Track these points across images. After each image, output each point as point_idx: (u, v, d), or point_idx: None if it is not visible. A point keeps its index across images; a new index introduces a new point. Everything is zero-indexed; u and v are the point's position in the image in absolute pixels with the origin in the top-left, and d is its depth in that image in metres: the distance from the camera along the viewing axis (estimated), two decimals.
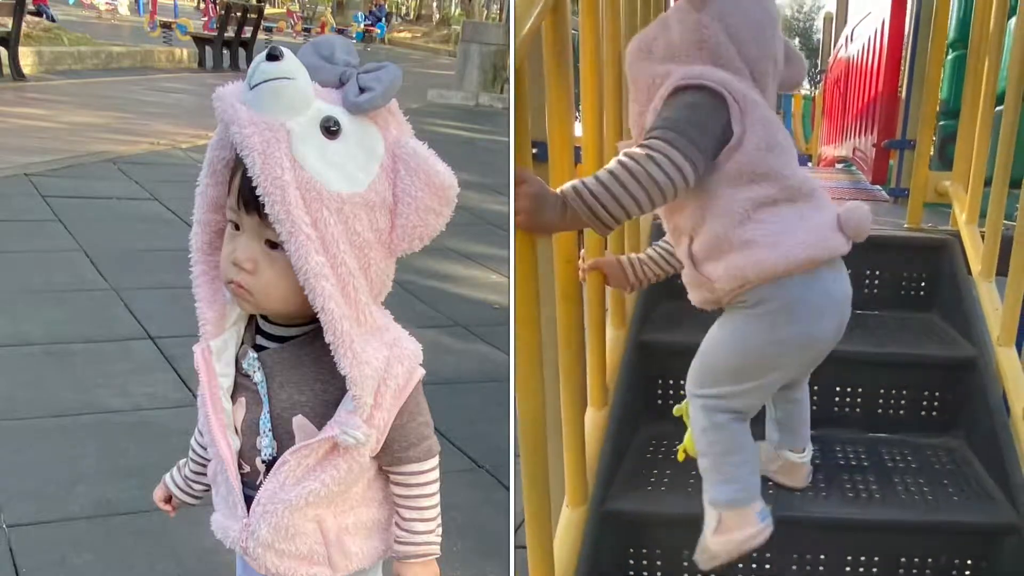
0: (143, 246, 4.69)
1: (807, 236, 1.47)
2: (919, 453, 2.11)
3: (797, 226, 1.47)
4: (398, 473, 1.18)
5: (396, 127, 1.09)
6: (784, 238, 1.45)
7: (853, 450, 2.12)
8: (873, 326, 2.43)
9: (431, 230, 1.10)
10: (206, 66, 14.88)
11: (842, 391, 2.23)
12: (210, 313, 1.15)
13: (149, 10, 18.75)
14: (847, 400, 2.23)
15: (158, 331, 3.54)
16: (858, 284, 2.50)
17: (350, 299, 1.05)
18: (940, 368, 2.25)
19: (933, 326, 2.47)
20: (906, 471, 2.02)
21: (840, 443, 2.14)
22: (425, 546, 1.19)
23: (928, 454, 2.10)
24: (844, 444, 2.14)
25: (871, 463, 2.05)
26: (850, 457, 2.08)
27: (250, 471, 1.16)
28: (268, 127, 1.00)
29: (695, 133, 1.37)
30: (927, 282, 2.60)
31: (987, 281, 2.49)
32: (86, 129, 7.94)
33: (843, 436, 2.17)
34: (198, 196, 1.11)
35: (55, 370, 3.11)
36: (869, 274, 2.58)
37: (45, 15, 15.38)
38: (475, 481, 2.64)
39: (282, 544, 1.14)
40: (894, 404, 2.23)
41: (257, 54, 1.02)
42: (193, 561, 2.11)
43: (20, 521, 2.22)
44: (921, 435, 2.19)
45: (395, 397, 1.11)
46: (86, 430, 2.71)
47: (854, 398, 2.23)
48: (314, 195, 1.01)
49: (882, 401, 2.23)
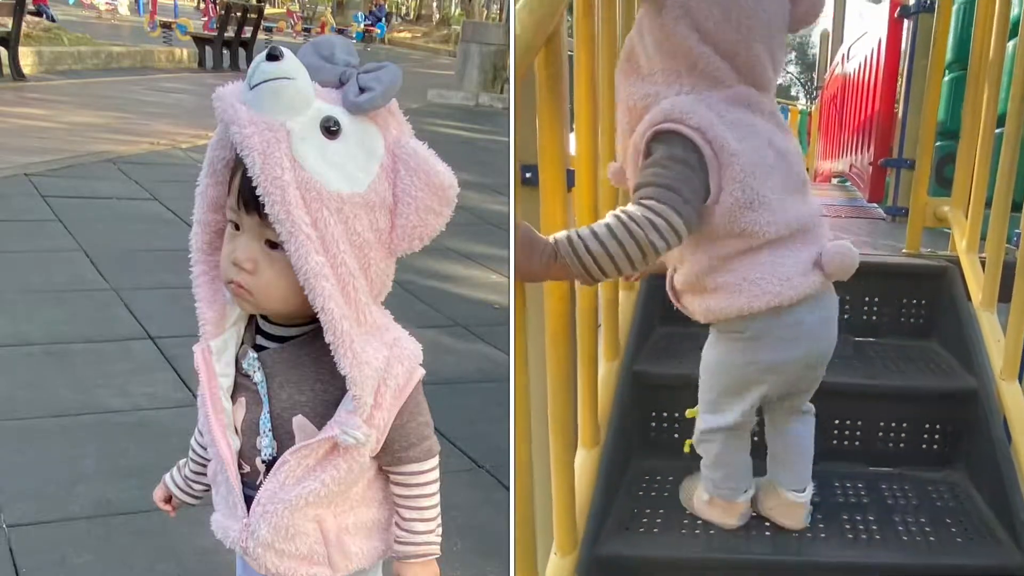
0: (143, 246, 4.69)
1: (772, 284, 1.48)
2: (920, 488, 2.06)
3: (767, 273, 1.47)
4: (398, 473, 1.18)
5: (396, 127, 1.09)
6: (749, 286, 1.48)
7: (852, 486, 2.07)
8: (872, 355, 2.39)
9: (431, 230, 1.10)
10: (206, 66, 14.87)
11: (840, 424, 2.18)
12: (210, 313, 1.15)
13: (149, 10, 18.73)
14: (845, 433, 2.19)
15: (158, 331, 3.54)
16: (857, 311, 2.51)
17: (350, 299, 1.05)
18: (940, 400, 2.20)
19: (933, 355, 2.42)
20: (907, 509, 1.97)
21: (839, 478, 2.08)
22: (425, 546, 1.19)
23: (929, 489, 2.06)
24: (843, 479, 2.09)
25: (871, 500, 2.00)
26: (849, 494, 2.03)
27: (250, 471, 1.16)
28: (268, 127, 1.00)
29: (688, 192, 1.35)
30: (927, 309, 2.55)
31: (988, 311, 2.42)
32: (86, 129, 7.94)
33: (842, 471, 2.12)
34: (198, 196, 1.12)
35: (55, 370, 3.11)
36: (868, 301, 2.54)
37: (45, 15, 15.38)
38: (475, 481, 2.64)
39: (282, 544, 1.14)
40: (894, 437, 2.18)
41: (257, 54, 1.02)
42: (193, 561, 2.11)
43: (20, 521, 2.22)
44: (922, 469, 2.14)
45: (395, 397, 1.11)
46: (86, 430, 2.71)
47: (853, 431, 2.19)
48: (314, 195, 1.01)
49: (881, 434, 2.19)
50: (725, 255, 1.47)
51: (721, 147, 1.36)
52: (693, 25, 1.38)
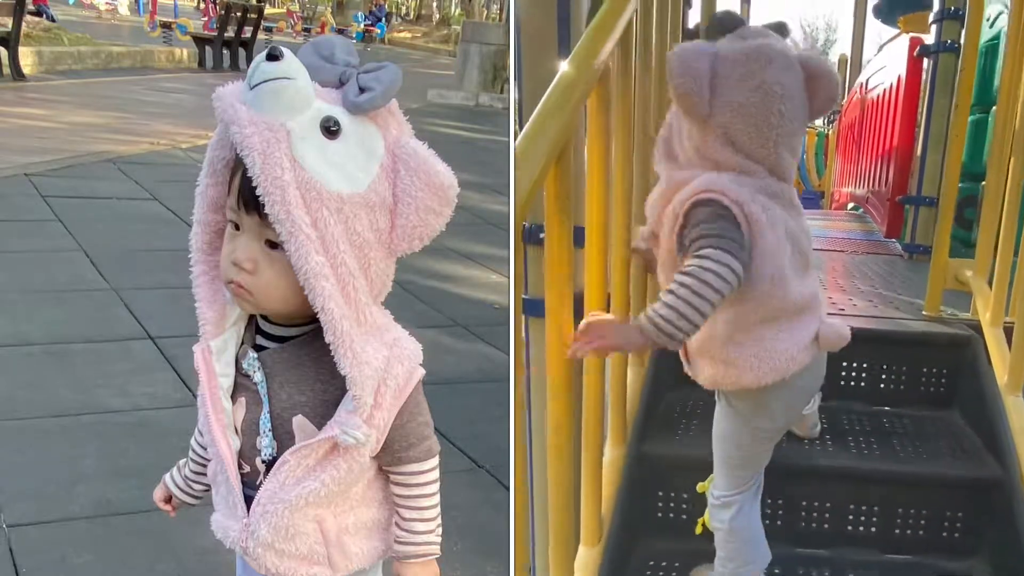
0: (143, 246, 4.69)
1: (778, 362, 1.58)
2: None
3: (772, 349, 1.58)
4: (398, 473, 1.18)
5: (396, 127, 1.09)
6: (758, 363, 1.58)
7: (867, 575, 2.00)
8: (889, 430, 2.29)
9: (431, 230, 1.09)
10: (206, 66, 14.87)
11: (856, 509, 2.10)
12: (210, 313, 1.15)
13: (149, 10, 18.73)
14: (862, 519, 2.10)
15: (158, 331, 3.54)
16: (874, 379, 2.42)
17: (350, 299, 1.05)
18: (963, 488, 2.09)
19: (954, 430, 2.31)
20: None
21: (853, 567, 2.01)
22: (425, 546, 1.19)
23: None
24: (858, 568, 2.01)
25: None
26: None
27: (250, 471, 1.16)
28: (268, 127, 1.00)
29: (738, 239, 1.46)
30: (947, 379, 2.42)
31: (1015, 395, 2.22)
32: (86, 129, 7.94)
33: (857, 558, 2.04)
34: (198, 196, 1.11)
35: (55, 370, 3.11)
36: (886, 369, 2.43)
37: (45, 15, 15.38)
38: (475, 481, 2.64)
39: (282, 544, 1.14)
40: (912, 524, 2.08)
41: (257, 54, 1.02)
42: (193, 561, 2.11)
43: (20, 521, 2.22)
44: (943, 558, 2.04)
45: (395, 397, 1.11)
46: (86, 430, 2.71)
47: (869, 517, 2.10)
48: (314, 195, 1.01)
49: (900, 521, 2.09)
50: (739, 324, 1.56)
51: (755, 221, 1.48)
52: (729, 141, 1.51)
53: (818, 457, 2.14)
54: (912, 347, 2.47)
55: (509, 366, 1.28)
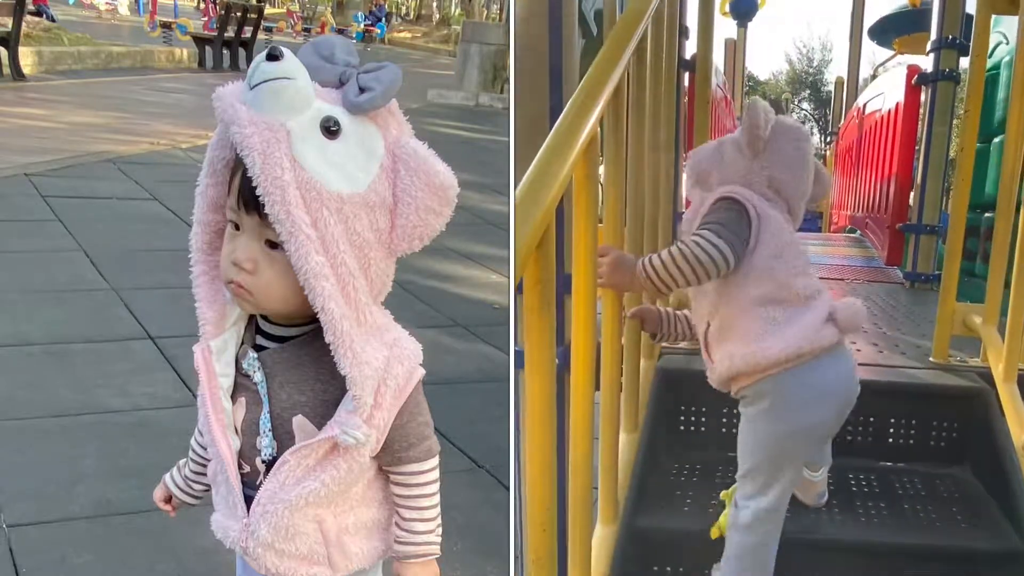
0: (143, 246, 4.69)
1: (792, 338, 1.67)
2: None
3: (785, 327, 1.69)
4: (398, 473, 1.18)
5: (396, 127, 1.09)
6: (769, 338, 1.68)
7: None
8: (899, 491, 2.20)
9: (431, 230, 1.10)
10: (206, 66, 14.87)
11: None
12: (210, 313, 1.15)
13: (149, 10, 18.73)
14: None
15: (158, 331, 3.54)
16: (882, 433, 2.34)
17: (350, 299, 1.05)
18: (983, 563, 1.98)
19: (968, 491, 2.20)
20: None
21: None
22: (425, 546, 1.19)
23: None
24: None
25: None
26: None
27: (250, 471, 1.16)
28: (268, 127, 1.00)
29: (734, 228, 1.70)
30: (958, 432, 2.33)
31: None
32: (86, 129, 7.94)
33: None
34: (198, 196, 1.11)
35: (55, 370, 3.11)
36: (894, 423, 2.34)
37: (45, 15, 15.37)
38: (475, 481, 2.64)
39: (282, 544, 1.14)
40: None
41: (257, 54, 1.02)
42: (193, 561, 2.11)
43: (20, 521, 2.22)
44: None
45: (395, 397, 1.11)
46: (86, 430, 2.71)
47: None
48: (314, 195, 1.01)
49: None
50: (753, 301, 1.70)
51: (764, 213, 1.74)
52: (769, 179, 1.78)
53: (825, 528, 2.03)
54: (920, 399, 2.38)
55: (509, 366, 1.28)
